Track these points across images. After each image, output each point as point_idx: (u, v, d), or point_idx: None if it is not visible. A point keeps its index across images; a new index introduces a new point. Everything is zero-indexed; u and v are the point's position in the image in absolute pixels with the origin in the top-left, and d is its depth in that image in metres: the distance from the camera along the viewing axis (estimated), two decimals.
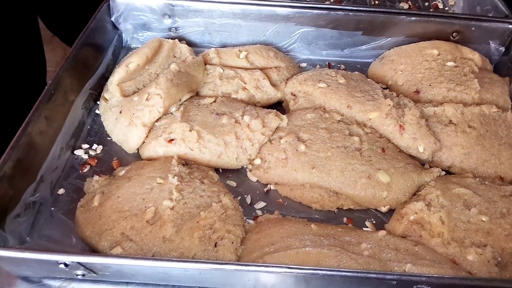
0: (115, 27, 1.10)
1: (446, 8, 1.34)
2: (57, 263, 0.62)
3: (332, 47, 1.13)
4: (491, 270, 0.68)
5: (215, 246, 0.72)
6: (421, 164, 0.89)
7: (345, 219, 0.81)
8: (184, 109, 0.90)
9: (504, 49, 1.09)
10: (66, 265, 0.63)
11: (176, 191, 0.76)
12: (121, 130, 0.88)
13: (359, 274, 0.58)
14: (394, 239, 0.72)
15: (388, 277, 0.58)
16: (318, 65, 1.12)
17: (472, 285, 0.59)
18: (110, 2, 1.06)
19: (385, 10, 1.09)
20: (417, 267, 0.64)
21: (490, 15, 1.16)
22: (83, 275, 0.66)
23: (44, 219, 0.76)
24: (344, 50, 1.13)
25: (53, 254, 0.62)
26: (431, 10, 1.33)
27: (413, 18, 1.08)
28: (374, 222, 0.81)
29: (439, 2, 1.36)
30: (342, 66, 1.13)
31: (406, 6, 1.34)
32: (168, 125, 0.87)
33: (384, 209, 0.81)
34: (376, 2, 1.35)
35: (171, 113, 0.90)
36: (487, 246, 0.71)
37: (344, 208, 0.82)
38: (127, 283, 0.70)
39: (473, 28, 1.08)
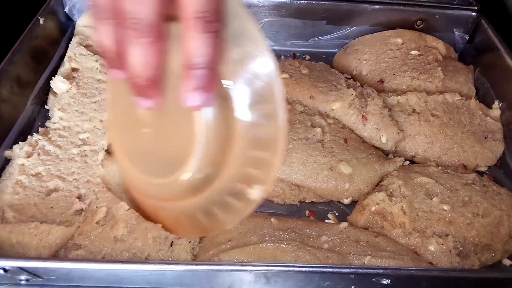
0: (69, 18, 1.05)
1: None
2: None
3: (297, 37, 1.10)
4: (453, 260, 0.67)
5: (171, 245, 0.69)
6: (386, 154, 0.87)
7: (307, 212, 0.79)
8: None
9: (468, 37, 1.08)
10: (5, 270, 0.59)
11: None
12: None
13: (314, 269, 0.56)
14: (355, 230, 0.70)
15: (345, 270, 0.56)
16: (282, 56, 1.09)
17: (431, 275, 0.58)
18: None
19: None
20: (376, 259, 0.62)
21: (455, 2, 1.15)
22: (27, 280, 0.62)
23: None
24: (309, 40, 1.11)
25: None
26: None
27: (377, 7, 1.06)
28: (336, 214, 0.79)
29: None
30: (307, 57, 1.10)
31: None
32: None
33: (346, 201, 0.79)
34: None
35: None
36: (448, 235, 0.69)
37: (307, 201, 0.80)
38: (77, 286, 0.66)
39: (437, 16, 1.07)
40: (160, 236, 0.68)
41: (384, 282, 0.59)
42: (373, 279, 0.59)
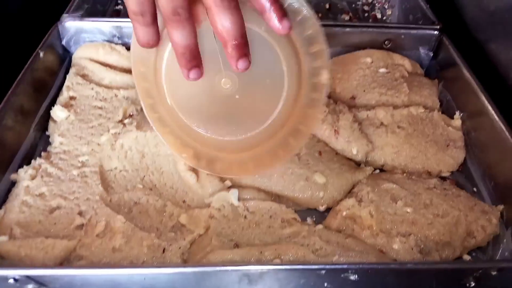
0: (66, 50, 1.14)
1: (384, 18, 1.43)
2: (6, 278, 0.65)
3: None
4: (415, 257, 0.75)
5: (163, 252, 0.76)
6: (358, 164, 0.96)
7: None
8: None
9: (432, 54, 1.18)
10: (15, 279, 0.66)
11: None
12: None
13: (288, 267, 0.64)
14: (328, 232, 0.78)
15: (314, 267, 0.64)
16: None
17: (389, 268, 0.66)
18: (59, 27, 1.10)
19: (323, 23, 1.16)
20: (343, 258, 0.70)
21: (420, 22, 1.25)
22: None
23: None
24: None
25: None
26: (370, 20, 1.42)
27: (348, 29, 1.16)
28: (314, 219, 0.86)
29: (377, 12, 1.45)
30: None
31: (347, 17, 1.43)
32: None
33: (322, 208, 0.87)
34: (320, 15, 1.44)
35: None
36: (411, 235, 0.78)
37: None
38: None
39: (402, 36, 1.17)
40: (153, 244, 0.76)
41: (352, 278, 0.67)
42: (342, 275, 0.67)
